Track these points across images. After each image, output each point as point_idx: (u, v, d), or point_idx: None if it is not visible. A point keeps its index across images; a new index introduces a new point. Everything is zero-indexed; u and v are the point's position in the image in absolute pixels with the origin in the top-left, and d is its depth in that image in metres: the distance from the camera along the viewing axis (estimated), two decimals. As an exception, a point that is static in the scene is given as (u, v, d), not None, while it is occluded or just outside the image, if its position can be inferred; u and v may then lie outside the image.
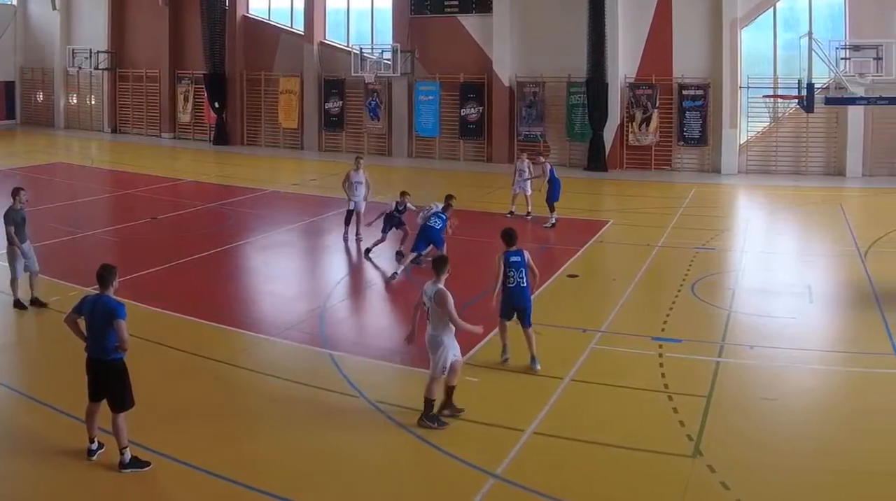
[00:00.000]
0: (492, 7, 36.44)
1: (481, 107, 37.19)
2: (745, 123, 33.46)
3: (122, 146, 43.66)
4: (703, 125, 33.30)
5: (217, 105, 42.81)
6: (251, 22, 43.42)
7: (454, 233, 18.40)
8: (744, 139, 33.47)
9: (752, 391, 11.71)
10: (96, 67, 47.21)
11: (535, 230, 22.51)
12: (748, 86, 32.99)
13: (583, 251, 20.17)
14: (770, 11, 32.83)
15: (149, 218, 23.98)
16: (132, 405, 9.36)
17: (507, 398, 11.47)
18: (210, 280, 18.00)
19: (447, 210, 18.34)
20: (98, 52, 46.99)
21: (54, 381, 11.93)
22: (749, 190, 30.29)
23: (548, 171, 23.11)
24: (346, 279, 18.64)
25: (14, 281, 15.16)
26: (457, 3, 37.75)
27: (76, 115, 50.06)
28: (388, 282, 17.65)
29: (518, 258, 12.35)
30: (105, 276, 9.48)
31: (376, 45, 39.02)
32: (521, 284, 12.29)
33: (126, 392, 9.33)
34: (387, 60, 38.12)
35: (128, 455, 9.22)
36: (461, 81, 37.56)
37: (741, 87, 33.00)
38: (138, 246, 20.79)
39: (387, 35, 39.18)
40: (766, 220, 25.32)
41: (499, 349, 12.65)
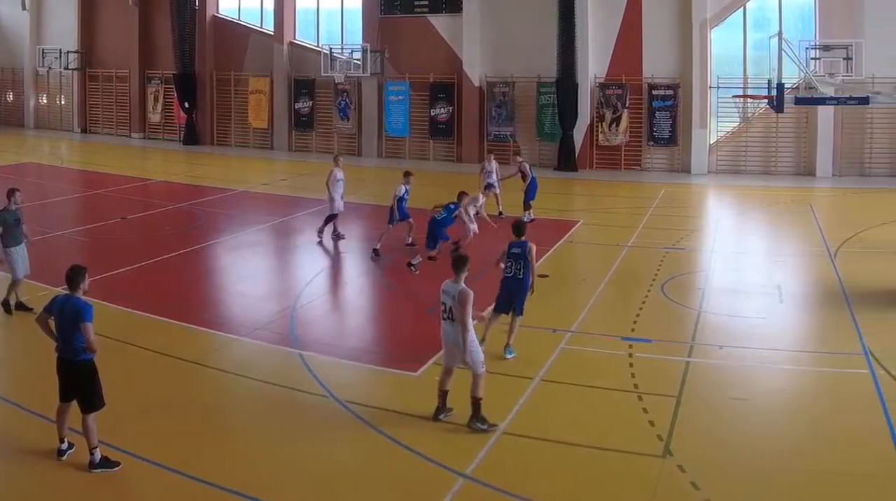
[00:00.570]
0: (462, 7, 36.41)
1: (451, 108, 37.20)
2: (715, 123, 33.69)
3: (92, 146, 43.26)
4: (673, 125, 33.49)
5: (187, 105, 42.57)
6: (221, 22, 43.18)
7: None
8: (714, 139, 33.73)
9: (722, 391, 11.76)
10: (66, 67, 46.83)
11: (506, 229, 22.33)
12: (718, 87, 33.19)
13: (553, 251, 20.16)
14: (740, 11, 33.08)
15: (119, 218, 23.81)
16: (102, 405, 9.31)
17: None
18: (180, 280, 17.93)
19: (461, 199, 18.64)
20: (68, 52, 46.65)
21: (25, 381, 11.84)
22: (719, 190, 30.49)
23: (527, 170, 23.20)
24: (317, 279, 18.55)
25: (14, 283, 14.88)
26: (427, 3, 37.69)
27: (46, 115, 49.63)
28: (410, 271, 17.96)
29: (518, 250, 12.88)
30: (73, 277, 9.39)
31: (346, 45, 38.88)
32: (518, 275, 12.83)
33: (96, 392, 9.26)
34: (356, 60, 37.98)
35: (98, 455, 9.18)
36: (431, 81, 37.53)
37: (711, 87, 33.21)
38: (108, 246, 20.71)
39: (356, 35, 39.10)
40: (735, 220, 25.51)
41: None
